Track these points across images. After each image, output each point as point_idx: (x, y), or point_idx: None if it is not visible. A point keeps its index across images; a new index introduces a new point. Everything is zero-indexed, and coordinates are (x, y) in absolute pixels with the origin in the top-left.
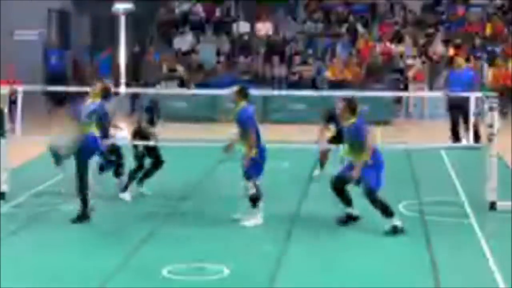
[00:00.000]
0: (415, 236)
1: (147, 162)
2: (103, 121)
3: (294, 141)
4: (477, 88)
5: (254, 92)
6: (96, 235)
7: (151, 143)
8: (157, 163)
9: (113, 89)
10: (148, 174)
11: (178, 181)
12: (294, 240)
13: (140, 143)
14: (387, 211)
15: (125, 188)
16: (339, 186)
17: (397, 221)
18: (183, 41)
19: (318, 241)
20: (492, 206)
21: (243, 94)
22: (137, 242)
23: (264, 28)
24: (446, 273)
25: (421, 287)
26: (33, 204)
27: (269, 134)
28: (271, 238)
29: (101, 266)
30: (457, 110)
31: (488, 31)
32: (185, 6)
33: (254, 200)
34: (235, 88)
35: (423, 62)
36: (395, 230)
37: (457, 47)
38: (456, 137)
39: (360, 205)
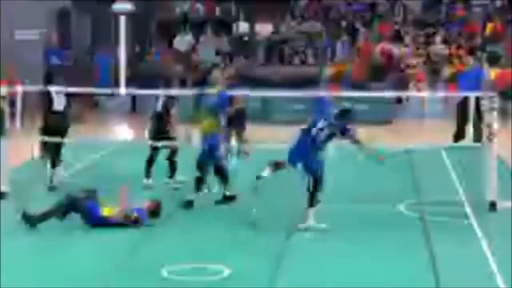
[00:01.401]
0: (415, 236)
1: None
2: None
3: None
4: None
5: (253, 92)
6: (96, 235)
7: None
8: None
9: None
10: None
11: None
12: (294, 240)
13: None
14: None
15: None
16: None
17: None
18: (183, 41)
19: (318, 241)
20: (492, 206)
21: None
22: (137, 242)
23: (264, 28)
24: (446, 273)
25: (421, 286)
26: (33, 204)
27: (269, 134)
28: (271, 238)
29: (101, 266)
30: (467, 111)
31: (488, 31)
32: (185, 6)
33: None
34: None
35: (424, 63)
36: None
37: (460, 47)
38: (458, 138)
39: (359, 205)
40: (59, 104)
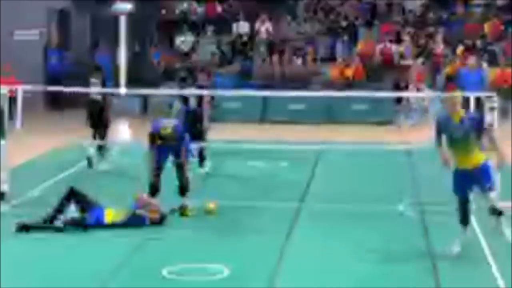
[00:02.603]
0: (415, 236)
1: None
2: None
3: (294, 141)
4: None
5: (254, 92)
6: (96, 235)
7: None
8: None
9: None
10: None
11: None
12: (294, 240)
13: None
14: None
15: None
16: None
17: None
18: (185, 41)
19: (317, 241)
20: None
21: None
22: (137, 242)
23: (264, 28)
24: (446, 273)
25: (421, 287)
26: (33, 204)
27: (269, 134)
28: (271, 238)
29: (101, 266)
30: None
31: (486, 30)
32: (185, 6)
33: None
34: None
35: (423, 63)
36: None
37: (468, 48)
38: None
39: (359, 205)
40: (95, 94)
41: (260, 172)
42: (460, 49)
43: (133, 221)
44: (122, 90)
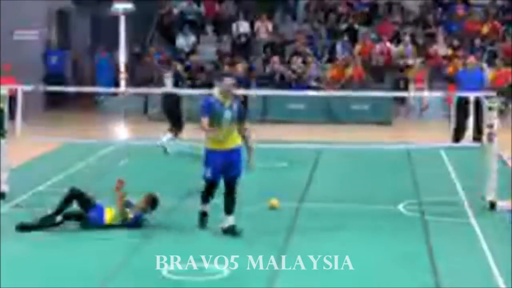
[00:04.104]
0: (415, 236)
1: None
2: None
3: (294, 141)
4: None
5: (254, 92)
6: (96, 235)
7: None
8: None
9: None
10: None
11: (179, 179)
12: (294, 240)
13: None
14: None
15: None
16: None
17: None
18: (184, 41)
19: (317, 240)
20: (492, 206)
21: None
22: (137, 242)
23: (264, 28)
24: (446, 273)
25: (421, 287)
26: (33, 204)
27: (269, 134)
28: (271, 238)
29: (101, 266)
30: (467, 111)
31: (485, 30)
32: (185, 6)
33: None
34: None
35: (423, 63)
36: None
37: (455, 48)
38: (458, 138)
39: (359, 205)
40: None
41: (260, 172)
42: (449, 50)
43: (133, 221)
44: (122, 89)
